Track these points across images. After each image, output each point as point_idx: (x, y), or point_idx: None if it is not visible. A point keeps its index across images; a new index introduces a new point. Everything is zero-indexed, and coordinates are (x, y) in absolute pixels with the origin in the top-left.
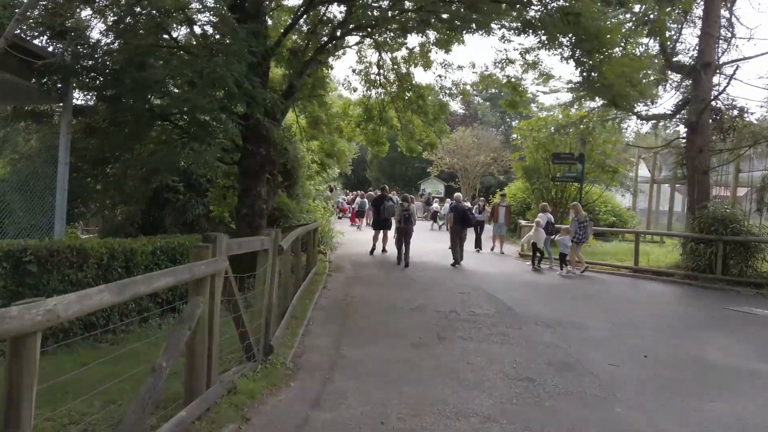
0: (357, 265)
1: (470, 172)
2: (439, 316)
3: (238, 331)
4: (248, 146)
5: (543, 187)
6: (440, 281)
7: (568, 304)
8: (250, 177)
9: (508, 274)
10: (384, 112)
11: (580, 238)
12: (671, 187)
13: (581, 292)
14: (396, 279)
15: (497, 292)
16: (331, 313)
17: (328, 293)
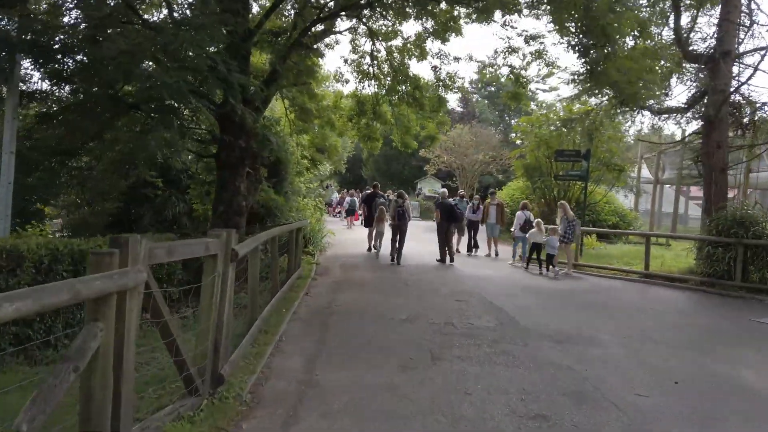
0: (346, 267)
1: (468, 170)
2: (434, 329)
3: (173, 360)
4: (226, 137)
5: (545, 186)
6: (435, 286)
7: (574, 314)
8: (228, 171)
9: (507, 278)
10: (378, 105)
11: (569, 238)
12: (676, 188)
13: (587, 299)
14: (387, 283)
15: (497, 299)
16: (310, 324)
17: (310, 300)
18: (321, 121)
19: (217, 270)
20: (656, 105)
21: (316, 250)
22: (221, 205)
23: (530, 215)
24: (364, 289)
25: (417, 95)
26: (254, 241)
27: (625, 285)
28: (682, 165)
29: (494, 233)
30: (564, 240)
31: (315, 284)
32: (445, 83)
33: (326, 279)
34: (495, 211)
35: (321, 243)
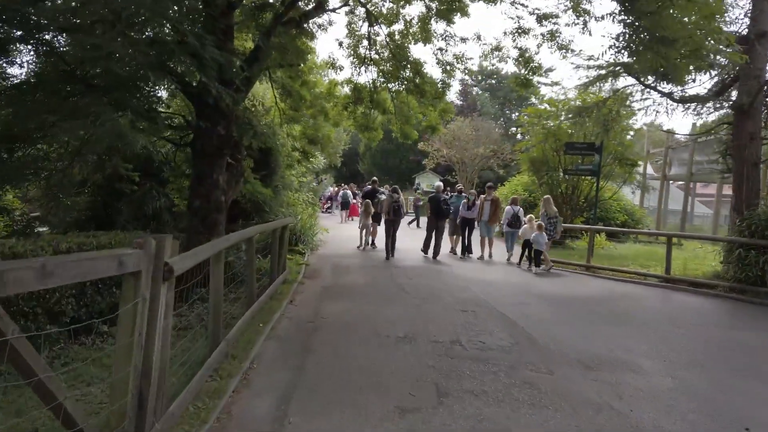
0: (338, 269)
1: (468, 165)
2: (438, 350)
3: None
4: (202, 123)
5: (552, 181)
6: (436, 292)
7: (599, 328)
8: (205, 161)
9: (514, 283)
10: (376, 93)
11: (551, 235)
12: (686, 185)
13: (609, 309)
14: (383, 289)
15: (507, 308)
16: (290, 345)
17: (293, 311)
18: (314, 110)
19: (140, 294)
20: (677, 93)
21: (306, 249)
22: (197, 200)
23: (519, 210)
24: (356, 296)
25: (418, 81)
26: (211, 248)
27: (645, 291)
28: (692, 161)
29: (489, 233)
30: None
31: (302, 290)
32: (451, 67)
33: (315, 283)
34: (489, 208)
35: (313, 241)
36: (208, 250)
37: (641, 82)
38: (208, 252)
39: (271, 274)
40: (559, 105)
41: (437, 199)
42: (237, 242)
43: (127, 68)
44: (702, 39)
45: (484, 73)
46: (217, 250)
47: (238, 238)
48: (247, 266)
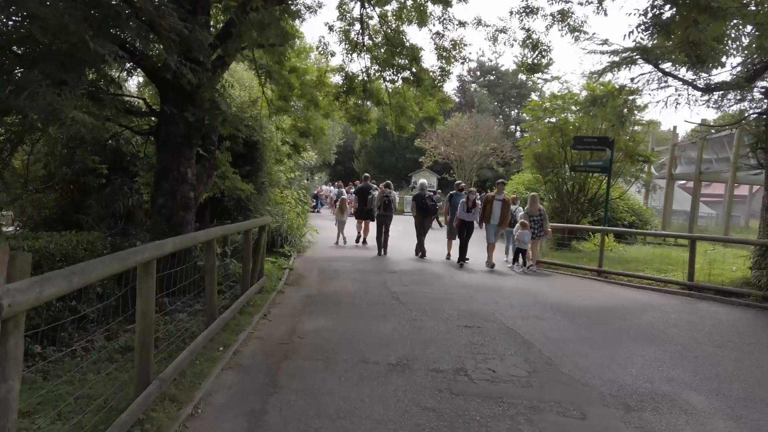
0: (326, 274)
1: (467, 163)
2: (438, 382)
3: None
4: (167, 108)
5: (559, 178)
6: (436, 303)
7: (629, 349)
8: (171, 152)
9: (523, 291)
10: (369, 82)
11: (537, 234)
12: (694, 184)
13: (633, 322)
14: (374, 298)
15: (518, 323)
16: (252, 378)
17: (265, 329)
18: (304, 100)
19: None
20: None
21: (293, 251)
22: (161, 197)
23: (518, 210)
24: (343, 308)
25: (415, 69)
26: (112, 263)
27: (667, 300)
28: (700, 159)
29: (494, 238)
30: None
31: (280, 300)
32: (449, 53)
33: (297, 291)
34: (500, 209)
35: (300, 242)
36: (104, 265)
37: (660, 69)
38: (106, 269)
39: (244, 282)
40: (565, 97)
41: (419, 197)
42: (204, 242)
43: (44, 30)
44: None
45: (482, 69)
46: (126, 265)
47: (194, 241)
48: (207, 276)
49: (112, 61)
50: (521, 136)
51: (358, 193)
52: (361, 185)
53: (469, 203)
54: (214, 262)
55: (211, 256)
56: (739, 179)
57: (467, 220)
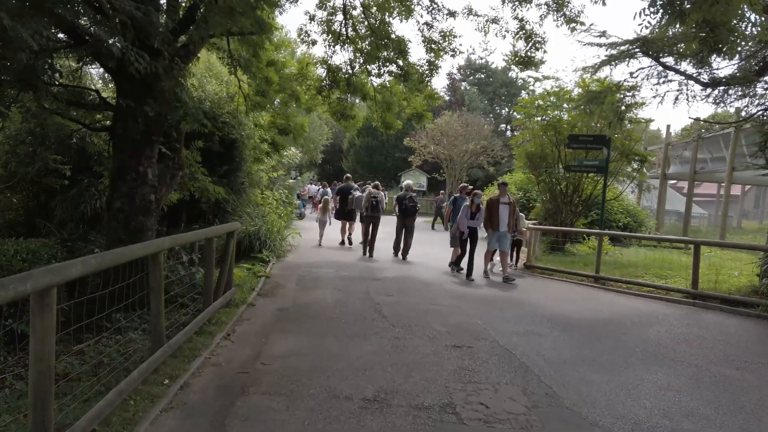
0: (305, 282)
1: (456, 162)
2: (421, 425)
3: None
4: (123, 101)
5: (552, 178)
6: (422, 316)
7: (639, 374)
8: (129, 150)
9: (515, 301)
10: (353, 76)
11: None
12: (689, 185)
13: (639, 338)
14: (355, 311)
15: (513, 341)
16: (194, 425)
17: (224, 354)
18: (284, 95)
19: None
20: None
21: (272, 256)
22: (118, 200)
23: None
24: (319, 324)
25: (401, 62)
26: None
27: (671, 310)
28: (695, 159)
29: (504, 246)
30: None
31: (249, 315)
32: (438, 46)
33: (270, 304)
34: (507, 213)
35: (281, 246)
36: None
37: (661, 63)
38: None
39: (206, 297)
40: (559, 94)
41: (400, 198)
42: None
43: None
44: None
45: (472, 67)
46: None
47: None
48: (151, 295)
49: (34, 44)
50: (512, 135)
51: (339, 194)
52: (342, 185)
53: (473, 207)
54: (161, 278)
55: (157, 272)
56: (736, 179)
57: (472, 225)
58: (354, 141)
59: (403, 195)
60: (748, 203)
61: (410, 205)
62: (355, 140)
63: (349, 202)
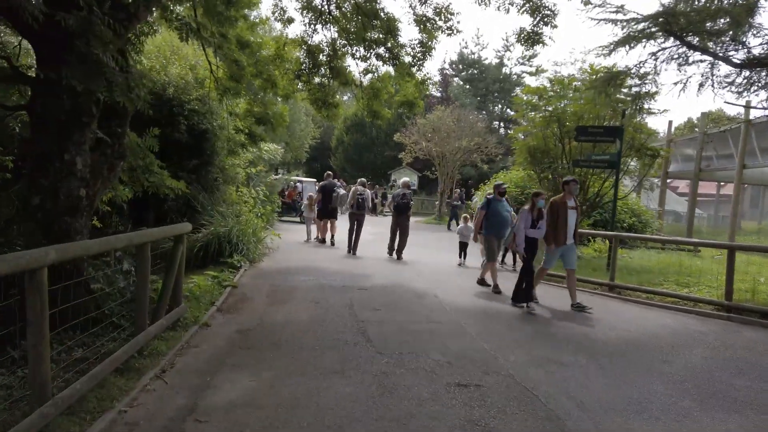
0: (277, 293)
1: (449, 159)
2: None
3: None
4: (43, 72)
5: (558, 174)
6: (415, 339)
7: (704, 423)
8: (51, 134)
9: (522, 314)
10: (336, 59)
11: None
12: (693, 183)
13: (683, 366)
14: (332, 332)
15: (529, 375)
16: None
17: (149, 404)
18: (260, 80)
19: None
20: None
21: (244, 261)
22: (37, 196)
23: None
24: (285, 353)
25: (391, 44)
26: None
27: (706, 326)
28: (700, 156)
29: (571, 262)
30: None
31: (199, 341)
32: (432, 25)
33: (229, 323)
34: (575, 221)
35: (256, 250)
36: None
37: (686, 42)
38: None
39: (138, 321)
40: (564, 82)
41: (395, 195)
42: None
43: None
44: None
45: (464, 63)
46: None
47: None
48: (28, 331)
49: None
50: (505, 133)
51: (322, 191)
52: (325, 183)
53: (535, 213)
54: (42, 306)
55: (36, 298)
56: (746, 178)
57: (533, 236)
58: (342, 138)
59: (398, 193)
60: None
61: (402, 202)
62: (343, 137)
63: (333, 200)
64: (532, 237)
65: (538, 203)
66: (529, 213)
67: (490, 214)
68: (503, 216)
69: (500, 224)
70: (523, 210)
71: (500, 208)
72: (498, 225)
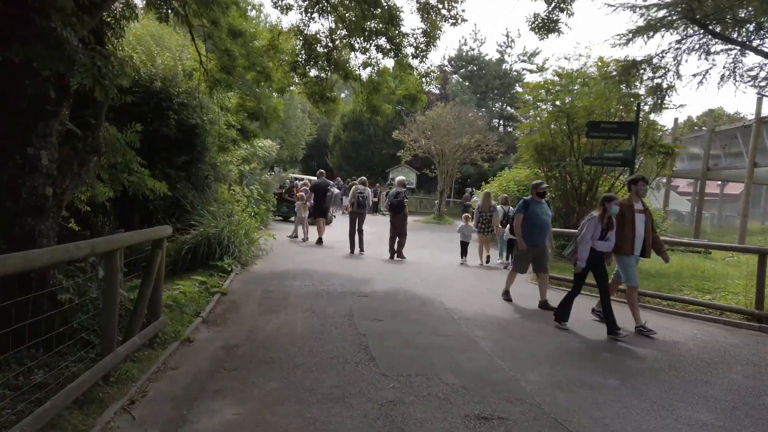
0: (271, 299)
1: (449, 157)
2: None
3: None
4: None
5: (566, 172)
6: (423, 355)
7: None
8: (11, 124)
9: (537, 325)
10: (334, 50)
11: (481, 228)
12: (701, 183)
13: (726, 388)
14: (330, 348)
15: (558, 401)
16: None
17: None
18: (253, 72)
19: None
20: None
21: (235, 264)
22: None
23: (510, 210)
24: (275, 377)
25: (392, 34)
26: None
27: (737, 338)
28: (708, 155)
29: (635, 280)
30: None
31: (178, 360)
32: (437, 11)
33: (214, 339)
34: (644, 227)
35: (248, 252)
36: None
37: (710, 31)
38: None
39: (106, 339)
40: (572, 75)
41: (390, 194)
42: None
43: None
44: None
45: (463, 59)
46: None
47: None
48: None
49: None
50: (505, 132)
51: (315, 190)
52: (318, 181)
53: (605, 220)
54: None
55: None
56: (758, 177)
57: (603, 250)
58: (339, 135)
59: (393, 192)
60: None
61: (396, 201)
62: (340, 134)
63: (327, 200)
64: (600, 251)
65: (611, 210)
66: (599, 221)
67: (528, 218)
68: (542, 220)
69: (539, 230)
70: (590, 217)
71: (539, 211)
72: (536, 231)
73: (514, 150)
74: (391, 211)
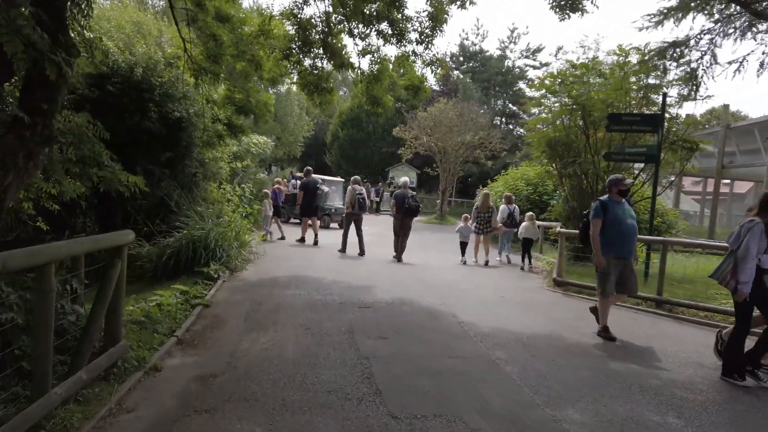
0: (259, 313)
1: (451, 155)
2: None
3: None
4: None
5: (581, 171)
6: (437, 386)
7: None
8: None
9: (565, 344)
10: (330, 36)
11: (480, 229)
12: (715, 182)
13: None
14: (327, 378)
15: None
16: None
17: None
18: (243, 61)
19: None
20: None
21: (222, 270)
22: None
23: (515, 209)
24: (255, 419)
25: (393, 18)
26: None
27: None
28: (723, 152)
29: None
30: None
31: (139, 398)
32: None
33: (187, 366)
34: None
35: (238, 256)
36: None
37: (751, 10)
38: None
39: (36, 377)
40: (588, 65)
41: (403, 196)
42: None
43: None
44: None
45: (465, 55)
46: None
47: None
48: None
49: None
50: (508, 129)
51: (304, 189)
52: (307, 180)
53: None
54: None
55: None
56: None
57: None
58: (338, 133)
59: (403, 193)
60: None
61: (414, 204)
62: (338, 132)
63: (318, 198)
64: (765, 268)
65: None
66: (759, 229)
67: (609, 225)
68: (627, 225)
69: (623, 237)
70: (753, 226)
71: (622, 213)
72: (620, 238)
73: (517, 148)
74: (406, 214)
